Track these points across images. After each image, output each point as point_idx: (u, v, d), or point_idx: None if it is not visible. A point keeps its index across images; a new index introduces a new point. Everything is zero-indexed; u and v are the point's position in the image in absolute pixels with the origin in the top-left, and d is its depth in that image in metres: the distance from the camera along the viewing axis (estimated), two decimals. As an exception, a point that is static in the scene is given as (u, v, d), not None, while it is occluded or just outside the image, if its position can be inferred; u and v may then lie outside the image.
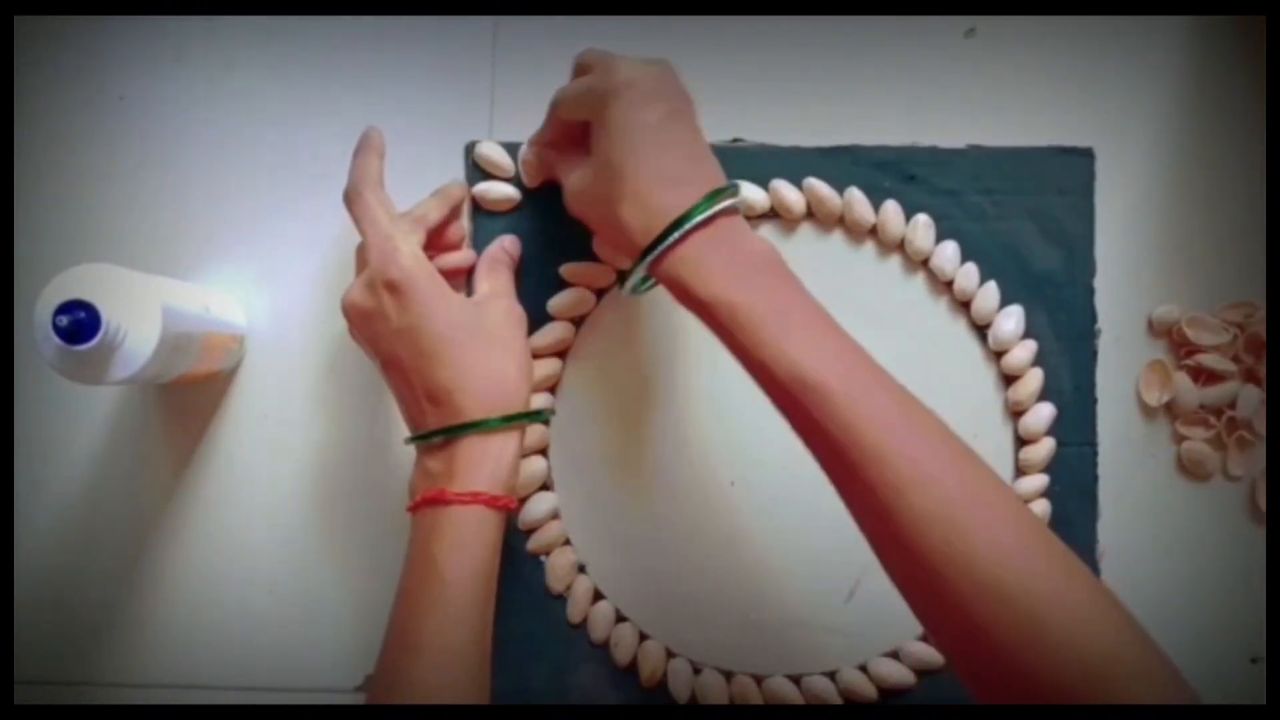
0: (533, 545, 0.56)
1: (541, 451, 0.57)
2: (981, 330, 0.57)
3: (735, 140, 0.57)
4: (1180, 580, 0.56)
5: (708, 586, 0.57)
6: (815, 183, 0.57)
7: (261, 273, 0.58)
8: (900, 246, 0.57)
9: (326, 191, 0.57)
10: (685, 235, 0.45)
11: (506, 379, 0.49)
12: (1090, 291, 0.57)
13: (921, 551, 0.40)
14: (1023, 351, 0.56)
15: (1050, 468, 0.56)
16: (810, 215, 0.58)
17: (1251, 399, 0.56)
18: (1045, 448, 0.56)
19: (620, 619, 0.56)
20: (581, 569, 0.57)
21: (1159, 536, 0.57)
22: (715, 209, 0.45)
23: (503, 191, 0.57)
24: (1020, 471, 0.56)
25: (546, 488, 0.57)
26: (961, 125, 0.57)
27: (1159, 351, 0.57)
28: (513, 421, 0.49)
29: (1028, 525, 0.41)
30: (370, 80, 0.58)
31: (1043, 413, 0.56)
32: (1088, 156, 0.57)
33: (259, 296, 0.58)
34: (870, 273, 0.57)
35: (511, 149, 0.57)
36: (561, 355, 0.57)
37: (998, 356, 0.57)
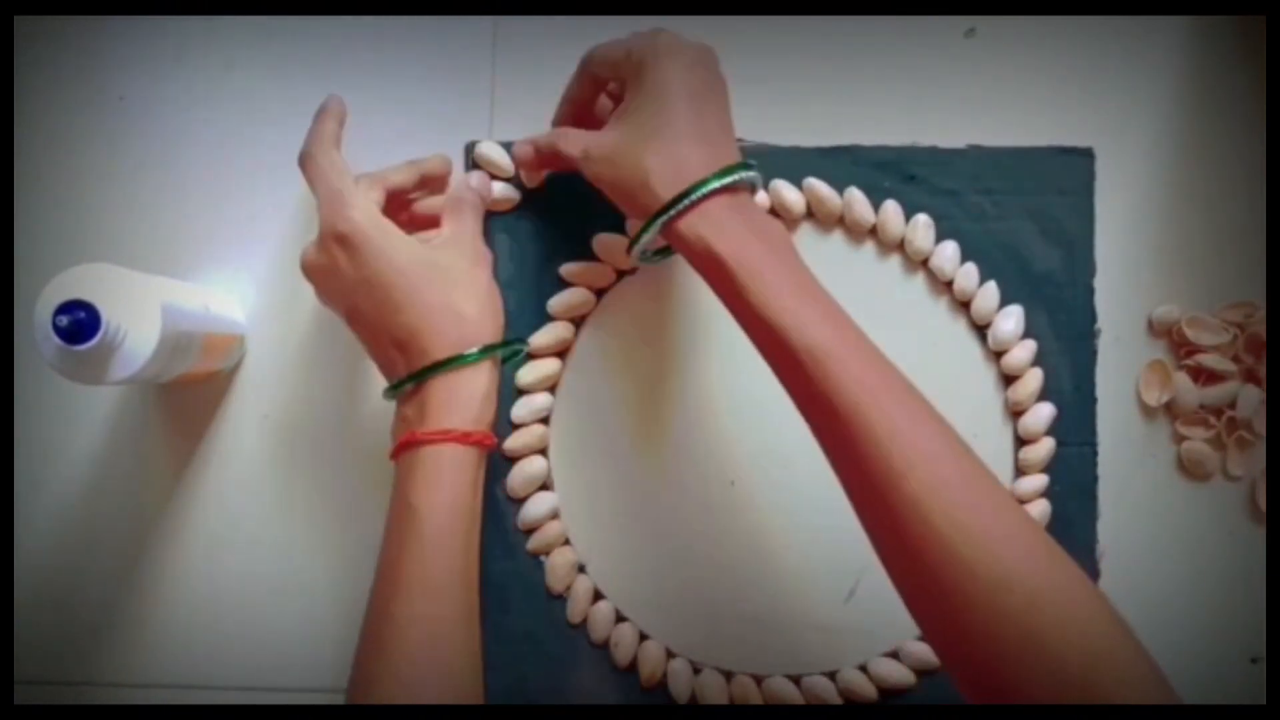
0: (533, 545, 0.56)
1: (541, 451, 0.57)
2: (981, 330, 0.57)
3: (735, 140, 0.57)
4: (1180, 580, 0.56)
5: (708, 586, 0.57)
6: (815, 183, 0.57)
7: (261, 273, 0.58)
8: (900, 246, 0.57)
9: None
10: (710, 194, 0.46)
11: (467, 315, 0.50)
12: (1090, 291, 0.57)
13: (918, 530, 0.40)
14: (1022, 351, 0.56)
15: (1050, 468, 0.56)
16: (810, 215, 0.58)
17: (1251, 399, 0.56)
18: (1045, 448, 0.56)
19: (620, 619, 0.56)
20: (581, 569, 0.57)
21: (1159, 536, 0.57)
22: (741, 176, 0.46)
23: (503, 191, 0.57)
24: (1020, 471, 0.56)
25: (546, 488, 0.57)
26: (961, 125, 0.57)
27: (1159, 351, 0.57)
28: (480, 356, 0.49)
29: (1021, 516, 0.41)
30: (370, 80, 0.58)
31: (1043, 413, 0.56)
32: (1088, 156, 0.57)
33: (259, 296, 0.58)
34: (870, 273, 0.58)
35: (511, 149, 0.57)
36: (561, 355, 0.57)
37: (998, 356, 0.57)
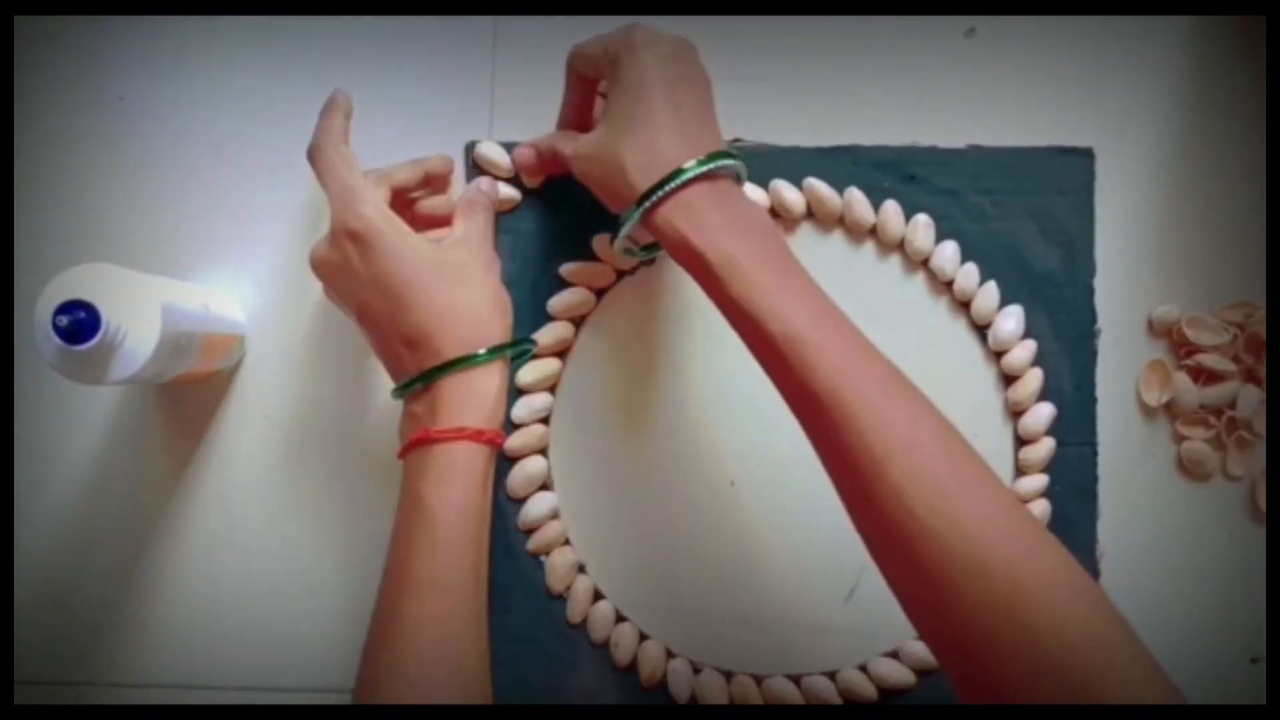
0: (533, 545, 0.56)
1: (541, 451, 0.57)
2: (981, 330, 0.57)
3: (735, 140, 0.57)
4: (1180, 580, 0.56)
5: (708, 586, 0.57)
6: (815, 183, 0.57)
7: (261, 273, 0.58)
8: (900, 246, 0.57)
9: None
10: (687, 184, 0.45)
11: (479, 315, 0.49)
12: (1090, 291, 0.57)
13: (901, 518, 0.40)
14: (1023, 351, 0.56)
15: (1050, 468, 0.56)
16: (810, 215, 0.58)
17: (1251, 399, 0.56)
18: (1045, 448, 0.56)
19: (620, 619, 0.56)
20: (581, 569, 0.57)
21: (1159, 536, 0.57)
22: (719, 165, 0.46)
23: (503, 191, 0.57)
24: (1020, 471, 0.56)
25: (546, 488, 0.57)
26: (961, 125, 0.57)
27: (1159, 351, 0.57)
28: (492, 356, 0.49)
29: (1007, 501, 0.41)
30: (370, 80, 0.58)
31: (1043, 413, 0.56)
32: (1088, 156, 0.57)
33: (259, 296, 0.58)
34: (870, 273, 0.58)
35: (511, 149, 0.57)
36: (561, 355, 0.57)
37: (998, 356, 0.57)
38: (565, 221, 0.57)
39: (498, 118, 0.58)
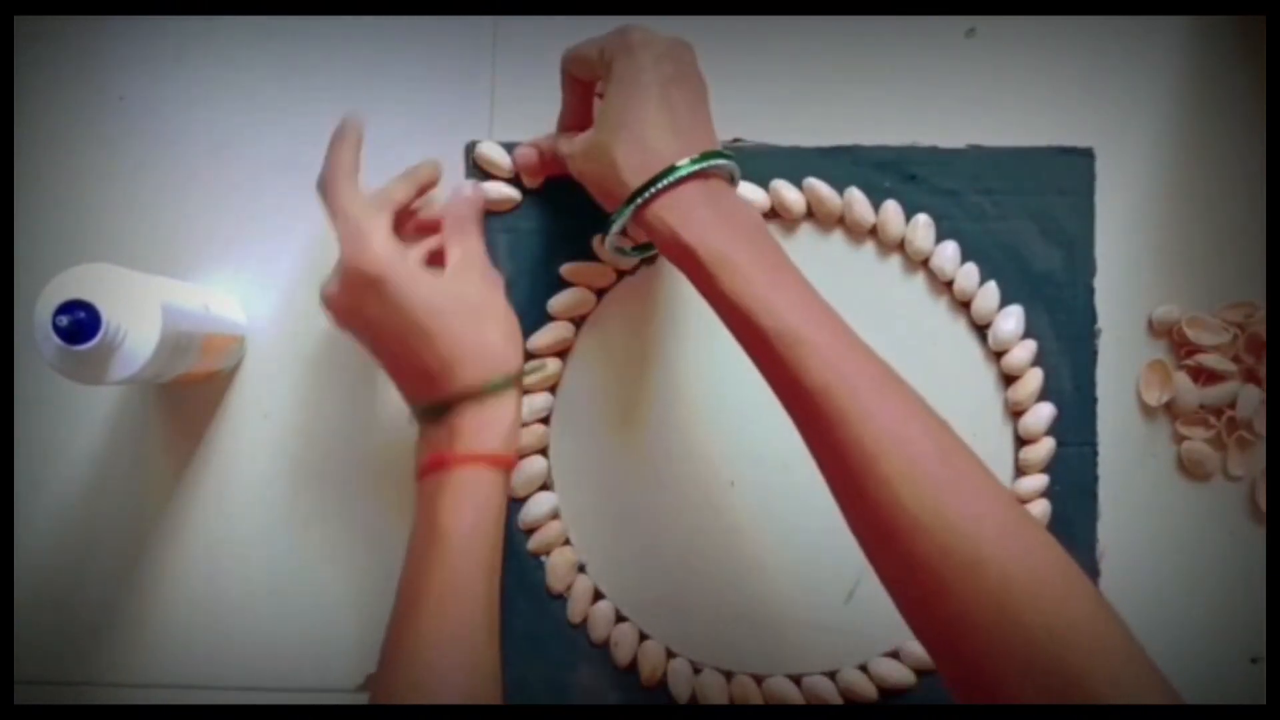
0: (533, 545, 0.56)
1: (541, 451, 0.57)
2: (981, 330, 0.57)
3: (735, 140, 0.57)
4: (1180, 580, 0.56)
5: (708, 586, 0.57)
6: (815, 183, 0.57)
7: (261, 273, 0.58)
8: (900, 246, 0.57)
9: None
10: (679, 181, 0.45)
11: (494, 346, 0.50)
12: (1090, 291, 0.57)
13: (892, 512, 0.40)
14: (1023, 351, 0.56)
15: (1050, 468, 0.56)
16: (810, 215, 0.58)
17: (1251, 399, 0.56)
18: (1045, 448, 0.56)
19: (620, 619, 0.56)
20: (581, 569, 0.57)
21: (1159, 536, 0.57)
22: (712, 164, 0.46)
23: (503, 191, 0.57)
24: (1020, 471, 0.56)
25: (546, 488, 0.57)
26: (961, 125, 0.57)
27: (1159, 351, 0.57)
28: (509, 383, 0.49)
29: (1002, 498, 0.41)
30: (370, 80, 0.58)
31: (1043, 413, 0.56)
32: (1088, 156, 0.57)
33: (259, 296, 0.58)
34: (870, 273, 0.58)
35: (511, 149, 0.57)
36: (561, 355, 0.57)
37: (998, 356, 0.57)
38: (565, 221, 0.57)
39: (498, 118, 0.58)
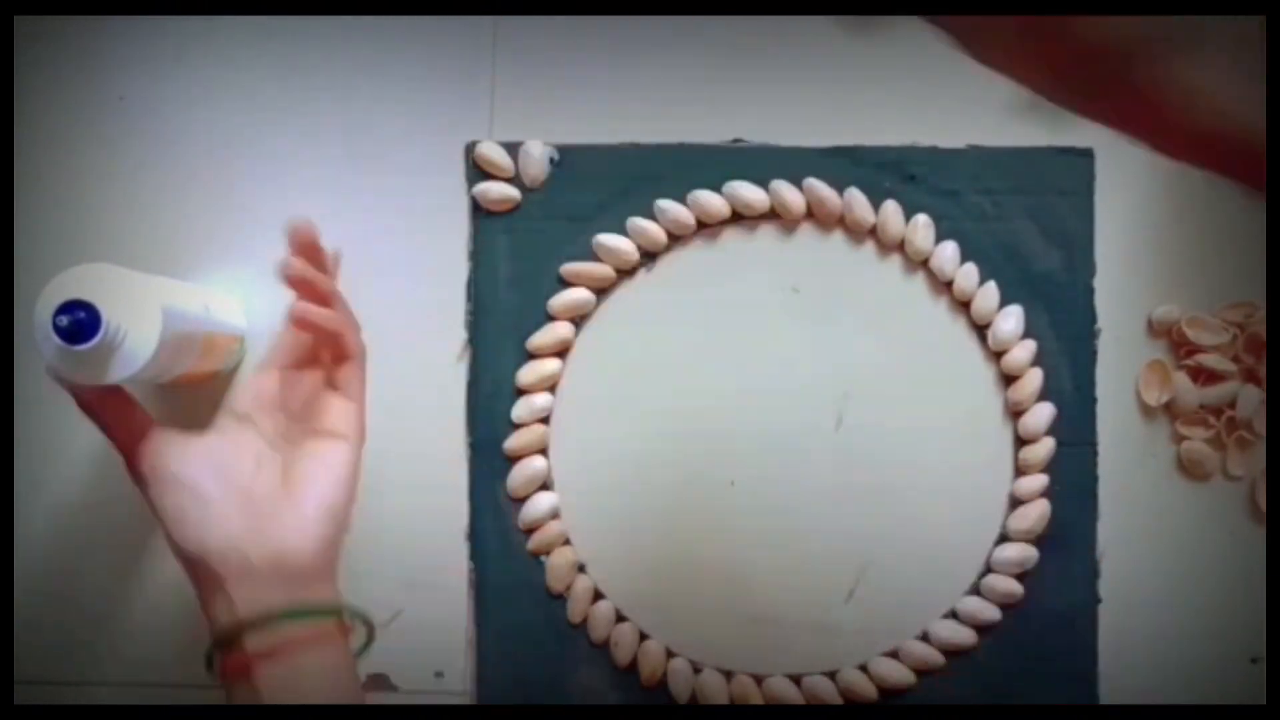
0: (533, 545, 0.56)
1: (541, 451, 0.57)
2: (981, 330, 0.57)
3: (735, 140, 0.57)
4: (1180, 580, 0.56)
5: (708, 586, 0.57)
6: (815, 183, 0.57)
7: (261, 273, 0.58)
8: (900, 246, 0.57)
9: (326, 192, 0.58)
10: None
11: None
12: (1090, 291, 0.57)
13: None
14: (1022, 351, 0.56)
15: (1050, 468, 0.56)
16: (810, 215, 0.58)
17: (1251, 399, 0.56)
18: (1045, 448, 0.56)
19: (620, 619, 0.56)
20: (581, 569, 0.57)
21: (1159, 536, 0.57)
22: None
23: (503, 191, 0.57)
24: (1020, 471, 0.57)
25: (546, 488, 0.57)
26: (961, 125, 0.57)
27: (1159, 351, 0.57)
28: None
29: None
30: (370, 80, 0.58)
31: (1043, 413, 0.56)
32: (1088, 156, 0.57)
33: (259, 296, 0.58)
34: (870, 273, 0.58)
35: (511, 149, 0.57)
36: (561, 355, 0.57)
37: (998, 356, 0.57)
38: (565, 221, 0.57)
39: (498, 118, 0.58)
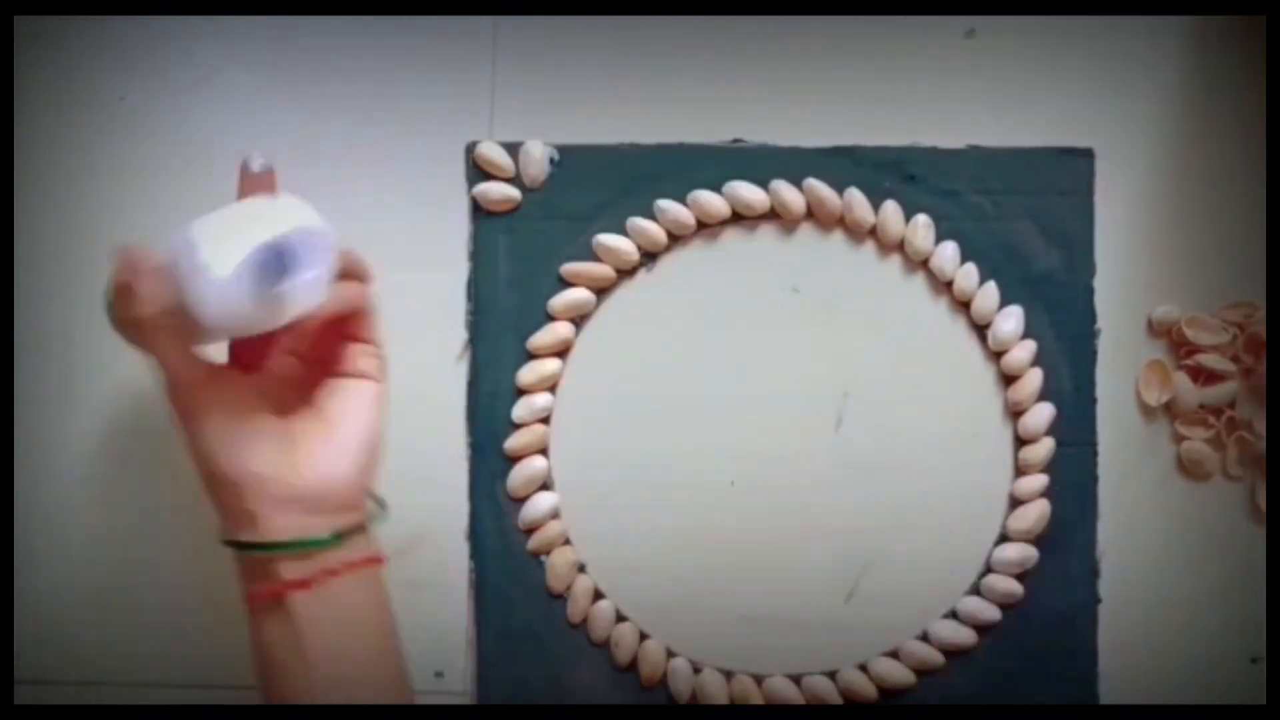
0: (533, 545, 0.56)
1: (541, 451, 0.57)
2: (981, 330, 0.57)
3: (735, 140, 0.57)
4: (1180, 580, 0.56)
5: (708, 586, 0.57)
6: (815, 183, 0.57)
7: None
8: (900, 247, 0.57)
9: (326, 192, 0.57)
10: None
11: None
12: (1090, 291, 0.57)
13: None
14: (1022, 351, 0.56)
15: (1050, 468, 0.56)
16: (810, 215, 0.58)
17: (1251, 399, 0.56)
18: (1045, 448, 0.56)
19: (620, 619, 0.56)
20: (581, 569, 0.57)
21: (1159, 536, 0.57)
22: None
23: (503, 191, 0.57)
24: (1020, 471, 0.56)
25: (546, 488, 0.57)
26: (961, 125, 0.57)
27: (1159, 351, 0.57)
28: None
29: None
30: (370, 80, 0.58)
31: (1042, 413, 0.56)
32: (1088, 156, 0.57)
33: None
34: (870, 273, 0.58)
35: (511, 149, 0.57)
36: (561, 355, 0.57)
37: (998, 356, 0.57)
38: (565, 221, 0.57)
39: (498, 118, 0.58)
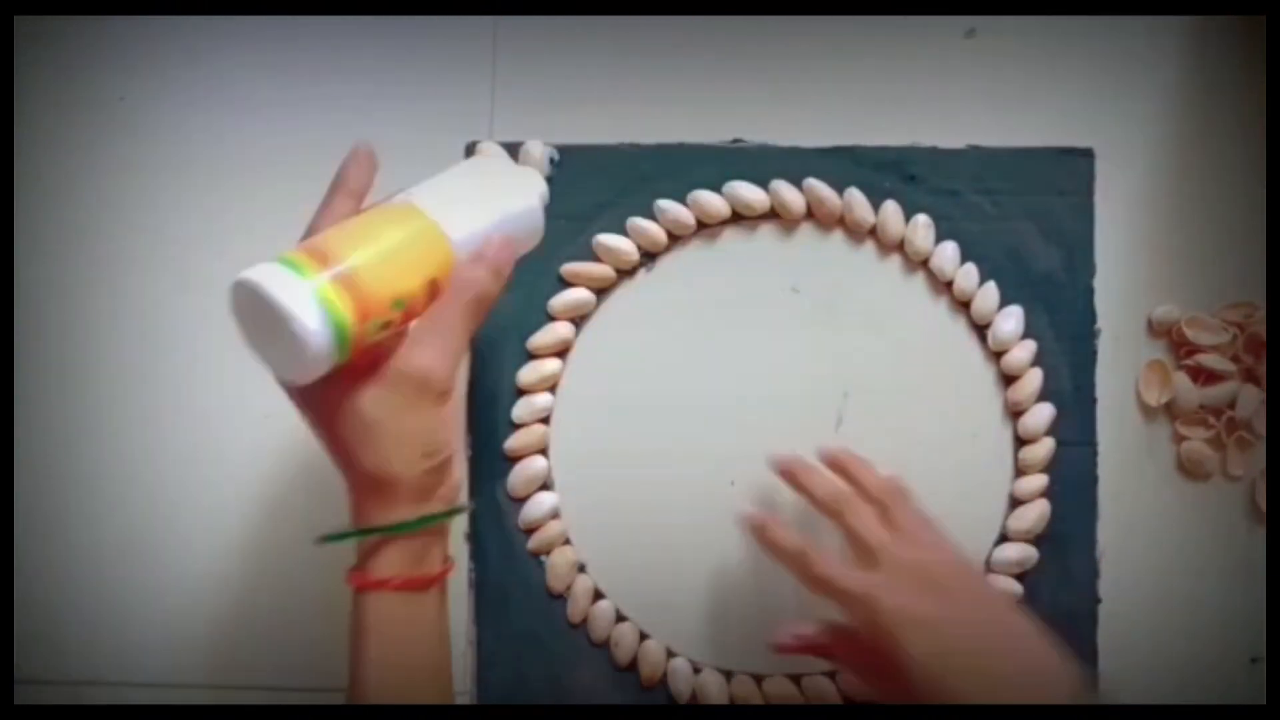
0: (533, 545, 0.56)
1: (541, 451, 0.57)
2: (981, 330, 0.57)
3: (735, 140, 0.57)
4: (1180, 580, 0.56)
5: (708, 586, 0.57)
6: (815, 183, 0.57)
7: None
8: (900, 247, 0.57)
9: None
10: None
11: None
12: (1090, 291, 0.57)
13: None
14: (1022, 351, 0.56)
15: (1050, 468, 0.56)
16: (810, 215, 0.58)
17: (1251, 399, 0.56)
18: (1045, 448, 0.56)
19: (620, 619, 0.56)
20: (581, 569, 0.57)
21: (1159, 536, 0.57)
22: None
23: (503, 191, 0.57)
24: (1020, 471, 0.56)
25: (546, 488, 0.57)
26: (961, 125, 0.57)
27: (1159, 351, 0.57)
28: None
29: None
30: (370, 80, 0.58)
31: (1042, 413, 0.56)
32: (1088, 156, 0.57)
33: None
34: (870, 273, 0.58)
35: (512, 149, 0.57)
36: (561, 355, 0.57)
37: (998, 356, 0.57)
38: (565, 221, 0.57)
39: (498, 118, 0.58)
